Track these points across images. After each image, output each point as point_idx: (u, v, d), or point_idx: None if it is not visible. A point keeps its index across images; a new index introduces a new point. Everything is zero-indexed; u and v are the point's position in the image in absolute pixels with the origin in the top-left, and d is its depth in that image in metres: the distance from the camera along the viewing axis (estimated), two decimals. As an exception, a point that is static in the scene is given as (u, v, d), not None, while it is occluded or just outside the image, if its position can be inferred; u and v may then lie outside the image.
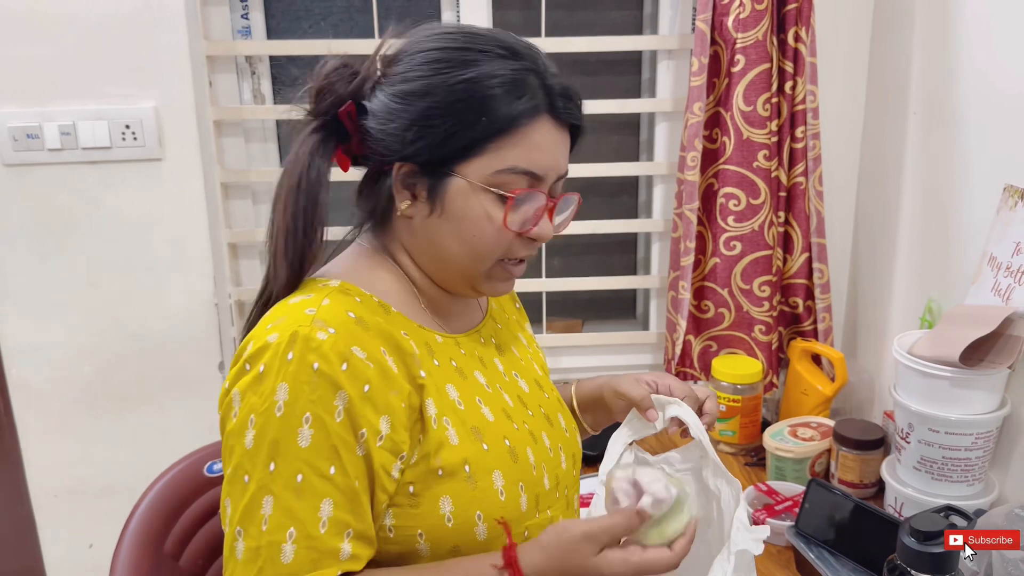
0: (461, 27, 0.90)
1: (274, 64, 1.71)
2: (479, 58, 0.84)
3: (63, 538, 1.77)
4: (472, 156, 0.84)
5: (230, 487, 0.80)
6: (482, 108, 0.83)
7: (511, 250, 0.89)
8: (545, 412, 1.01)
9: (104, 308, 1.65)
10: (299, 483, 0.77)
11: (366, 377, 0.80)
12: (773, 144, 1.57)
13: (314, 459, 0.78)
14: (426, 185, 0.86)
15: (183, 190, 1.61)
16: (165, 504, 1.23)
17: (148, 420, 1.71)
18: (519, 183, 0.85)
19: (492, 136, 0.84)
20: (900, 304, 1.55)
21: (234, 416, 0.80)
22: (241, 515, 0.78)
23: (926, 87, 1.44)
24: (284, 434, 0.78)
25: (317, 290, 0.85)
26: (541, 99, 0.85)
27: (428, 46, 0.86)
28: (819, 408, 1.60)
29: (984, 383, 1.15)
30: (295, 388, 0.78)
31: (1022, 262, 1.15)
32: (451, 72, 0.83)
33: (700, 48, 1.53)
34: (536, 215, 0.88)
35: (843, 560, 1.17)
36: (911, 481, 1.24)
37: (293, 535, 0.77)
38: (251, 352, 0.81)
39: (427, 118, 0.83)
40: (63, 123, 1.54)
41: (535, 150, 0.85)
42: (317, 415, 0.78)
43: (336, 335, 0.80)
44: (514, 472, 0.89)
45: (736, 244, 1.62)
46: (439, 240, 0.89)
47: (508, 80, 0.83)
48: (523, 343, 1.10)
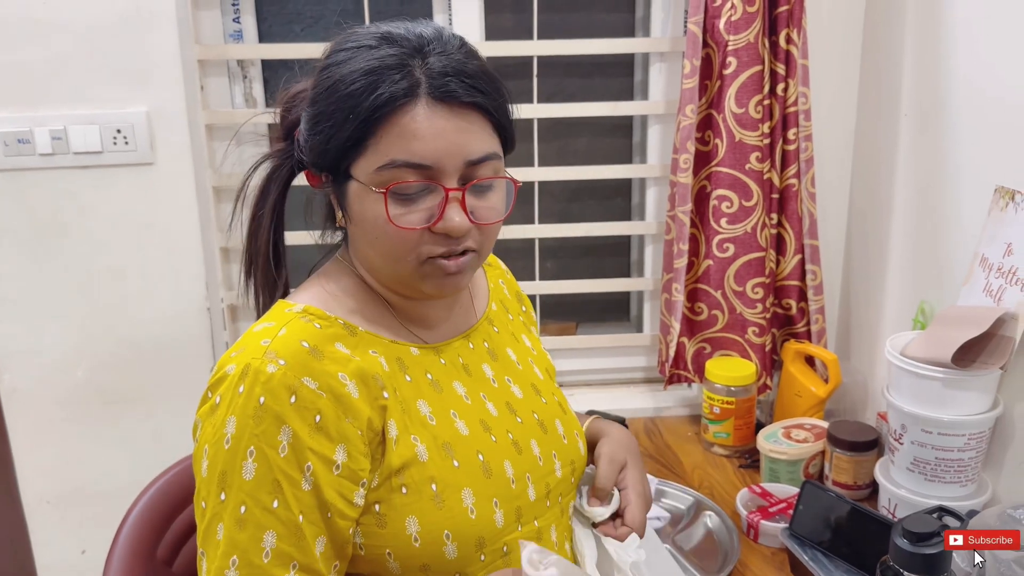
0: (355, 26, 0.86)
1: (266, 68, 1.71)
2: (351, 55, 0.81)
3: (55, 544, 1.76)
4: (356, 156, 0.80)
5: (196, 508, 0.83)
6: (348, 103, 0.79)
7: (425, 248, 0.82)
8: (540, 418, 0.98)
9: (96, 312, 1.65)
10: (242, 514, 0.78)
11: (316, 408, 0.80)
12: (765, 146, 1.57)
13: (257, 492, 0.79)
14: (336, 193, 0.86)
15: (175, 194, 1.60)
16: (158, 510, 1.23)
17: (141, 425, 1.71)
18: (407, 176, 0.79)
19: (366, 132, 0.78)
20: (893, 305, 1.55)
21: (195, 442, 0.83)
22: (202, 538, 0.81)
23: (918, 89, 1.45)
24: (230, 466, 0.79)
25: (280, 316, 0.86)
26: (412, 82, 0.78)
27: (324, 52, 0.86)
28: (813, 410, 1.60)
29: (976, 384, 1.15)
30: (241, 421, 0.79)
31: (1013, 263, 1.16)
32: (332, 73, 0.81)
33: (692, 50, 1.53)
34: (439, 208, 0.81)
35: (837, 562, 1.17)
36: (904, 482, 1.24)
37: (236, 563, 0.78)
38: (212, 381, 0.83)
39: (316, 124, 0.83)
40: (54, 128, 1.54)
41: (413, 139, 0.78)
42: (260, 449, 0.78)
43: (286, 367, 0.80)
44: (487, 488, 0.87)
45: (729, 246, 1.62)
46: (360, 247, 0.89)
47: (369, 70, 0.78)
48: (526, 346, 1.07)
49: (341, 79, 0.80)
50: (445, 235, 0.82)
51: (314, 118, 0.83)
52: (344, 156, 0.81)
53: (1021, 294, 1.13)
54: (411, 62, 0.79)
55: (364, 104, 0.78)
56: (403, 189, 0.80)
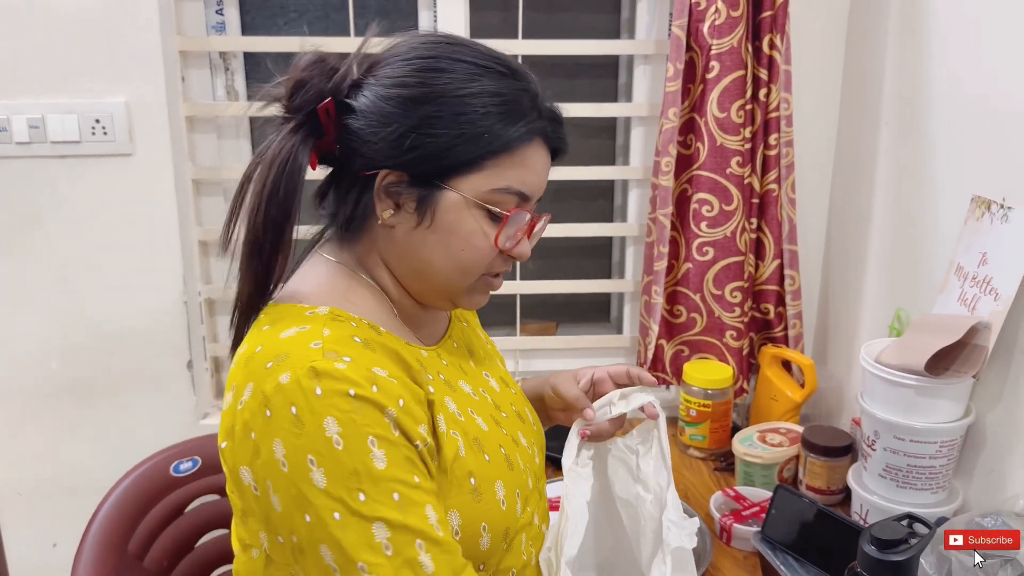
0: (455, 37, 0.88)
1: (248, 61, 1.70)
2: (482, 73, 0.83)
3: (26, 537, 1.74)
4: (470, 171, 0.83)
5: (319, 532, 0.74)
6: (485, 125, 0.82)
7: (493, 266, 0.89)
8: (516, 410, 1.01)
9: (71, 304, 1.63)
10: (398, 500, 0.75)
11: (397, 393, 0.78)
12: (746, 151, 1.58)
13: (399, 474, 0.76)
14: (415, 196, 0.84)
15: (153, 186, 1.59)
16: (130, 503, 1.22)
17: (114, 418, 1.69)
18: (510, 202, 0.86)
19: (492, 154, 0.83)
20: (870, 311, 1.56)
21: (283, 467, 0.75)
22: (353, 552, 0.74)
23: (899, 97, 1.46)
24: (359, 461, 0.74)
25: (307, 320, 0.81)
26: (536, 122, 0.85)
27: (425, 52, 0.84)
28: (788, 414, 1.61)
29: (949, 392, 1.16)
30: (343, 418, 0.74)
31: (988, 272, 1.17)
32: (454, 83, 0.82)
33: (676, 54, 1.53)
34: (519, 234, 0.89)
35: (808, 566, 1.18)
36: (876, 488, 1.25)
37: (422, 546, 0.75)
38: (266, 396, 0.75)
39: (427, 127, 0.81)
40: (32, 116, 1.52)
41: (529, 172, 0.86)
42: (378, 436, 0.75)
43: (353, 361, 0.77)
44: (512, 480, 0.89)
45: (709, 250, 1.62)
46: (424, 253, 0.86)
47: (511, 100, 0.83)
48: (482, 340, 1.09)
49: (470, 96, 0.82)
50: (510, 257, 0.90)
51: (426, 119, 0.81)
52: (454, 169, 0.83)
53: (995, 304, 1.14)
54: (537, 103, 0.86)
55: (504, 131, 0.83)
56: (513, 215, 0.86)
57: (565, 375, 1.10)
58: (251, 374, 0.77)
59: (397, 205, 0.85)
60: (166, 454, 1.30)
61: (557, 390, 1.08)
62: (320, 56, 0.84)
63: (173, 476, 1.28)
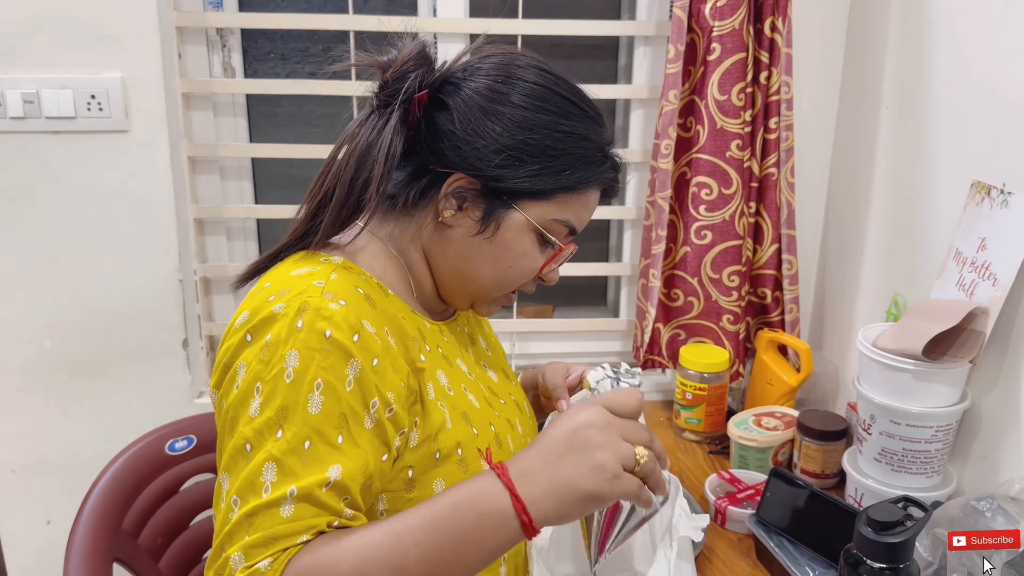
0: (547, 63, 0.93)
1: (246, 37, 1.68)
2: (578, 113, 0.90)
3: (20, 514, 1.74)
4: (540, 199, 0.89)
5: (231, 460, 0.77)
6: (570, 162, 0.89)
7: (524, 284, 0.96)
8: (515, 399, 1.04)
9: (65, 282, 1.62)
10: (306, 450, 0.75)
11: (374, 351, 0.79)
12: (746, 134, 1.57)
13: (323, 427, 0.76)
14: (482, 206, 0.89)
15: (149, 163, 1.57)
16: (125, 481, 1.22)
17: (109, 396, 1.69)
18: (562, 232, 0.93)
19: (565, 190, 0.90)
20: (867, 297, 1.56)
21: (236, 388, 0.78)
22: (240, 484, 0.75)
23: (899, 82, 1.45)
24: (292, 400, 0.75)
25: (320, 264, 0.84)
26: (607, 173, 0.93)
27: (534, 79, 0.89)
28: (784, 398, 1.61)
29: (945, 377, 1.16)
30: (305, 354, 0.76)
31: (986, 258, 1.17)
32: (555, 117, 0.88)
33: (676, 35, 1.52)
34: (552, 260, 0.96)
35: (803, 549, 1.18)
36: (871, 472, 1.26)
37: (294, 494, 0.74)
38: (255, 323, 0.79)
39: (520, 151, 0.86)
40: (26, 91, 1.50)
41: (585, 211, 0.94)
42: (328, 382, 0.76)
43: (347, 307, 0.79)
44: (499, 456, 0.91)
45: (707, 233, 1.62)
46: (475, 260, 0.91)
47: (596, 147, 0.91)
48: (486, 333, 1.13)
49: (564, 135, 0.88)
50: (539, 279, 0.97)
51: (522, 144, 0.87)
52: (528, 194, 0.89)
53: (993, 289, 1.14)
54: (610, 153, 0.94)
55: (583, 173, 0.90)
56: (557, 242, 0.93)
57: (557, 364, 1.14)
58: (253, 301, 0.82)
59: (460, 208, 0.89)
60: (161, 432, 1.29)
61: (544, 377, 1.12)
62: (424, 45, 0.88)
63: (168, 455, 1.28)
